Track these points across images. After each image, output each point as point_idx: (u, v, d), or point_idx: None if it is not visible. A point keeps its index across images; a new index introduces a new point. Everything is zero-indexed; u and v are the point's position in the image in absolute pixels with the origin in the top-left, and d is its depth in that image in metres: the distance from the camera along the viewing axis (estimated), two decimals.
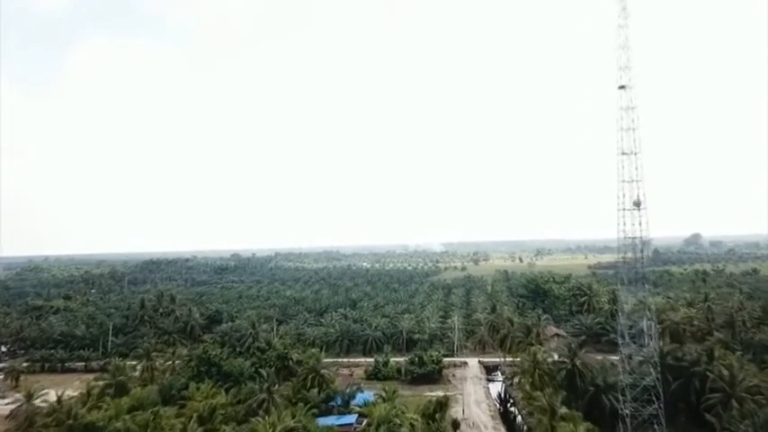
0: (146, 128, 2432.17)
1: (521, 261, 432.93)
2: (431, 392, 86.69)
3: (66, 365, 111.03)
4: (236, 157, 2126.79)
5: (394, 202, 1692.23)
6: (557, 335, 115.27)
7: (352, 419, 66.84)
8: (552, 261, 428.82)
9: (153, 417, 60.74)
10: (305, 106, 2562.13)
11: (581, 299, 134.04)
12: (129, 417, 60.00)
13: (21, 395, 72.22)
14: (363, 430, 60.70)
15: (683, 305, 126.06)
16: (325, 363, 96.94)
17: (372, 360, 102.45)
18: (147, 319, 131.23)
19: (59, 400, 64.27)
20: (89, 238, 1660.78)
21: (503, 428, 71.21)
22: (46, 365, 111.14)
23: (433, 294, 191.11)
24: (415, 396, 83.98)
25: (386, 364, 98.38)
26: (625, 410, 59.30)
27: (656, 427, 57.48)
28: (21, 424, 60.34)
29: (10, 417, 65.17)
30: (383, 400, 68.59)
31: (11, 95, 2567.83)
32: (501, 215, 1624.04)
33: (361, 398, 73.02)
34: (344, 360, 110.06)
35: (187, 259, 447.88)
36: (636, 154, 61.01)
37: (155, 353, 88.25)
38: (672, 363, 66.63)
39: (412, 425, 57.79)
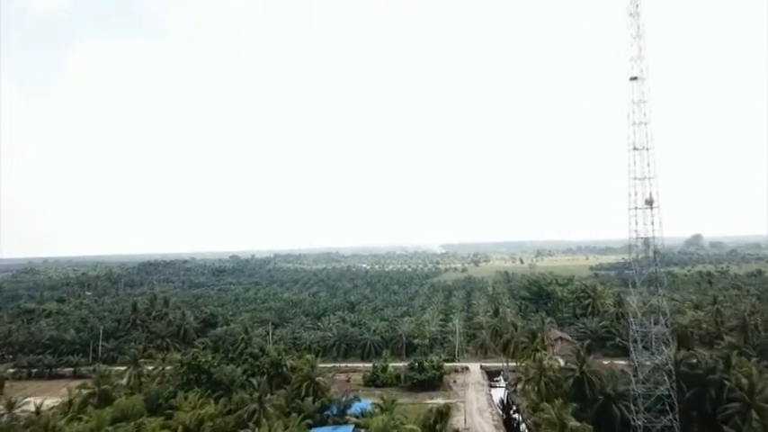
0: (145, 128, 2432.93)
1: (521, 262, 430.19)
2: (431, 400, 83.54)
3: (55, 371, 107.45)
4: (237, 157, 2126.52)
5: (394, 203, 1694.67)
6: (561, 339, 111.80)
7: (348, 431, 63.44)
8: (553, 262, 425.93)
9: (137, 429, 57.47)
10: (305, 107, 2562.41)
11: (585, 301, 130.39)
12: (111, 429, 56.78)
13: (1, 404, 68.67)
14: None
15: (689, 308, 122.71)
16: (322, 368, 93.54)
17: (371, 365, 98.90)
18: (139, 322, 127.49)
19: (38, 410, 60.94)
20: (89, 239, 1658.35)
21: None
22: (33, 371, 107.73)
23: (433, 296, 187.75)
24: (415, 404, 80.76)
25: (384, 369, 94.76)
26: (638, 421, 55.98)
27: None
28: None
29: None
30: (381, 409, 65.40)
31: (11, 96, 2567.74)
32: (500, 216, 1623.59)
33: (358, 407, 69.72)
34: (342, 365, 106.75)
35: (185, 261, 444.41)
36: (648, 149, 57.68)
37: (142, 359, 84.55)
38: (685, 370, 63.05)
39: None
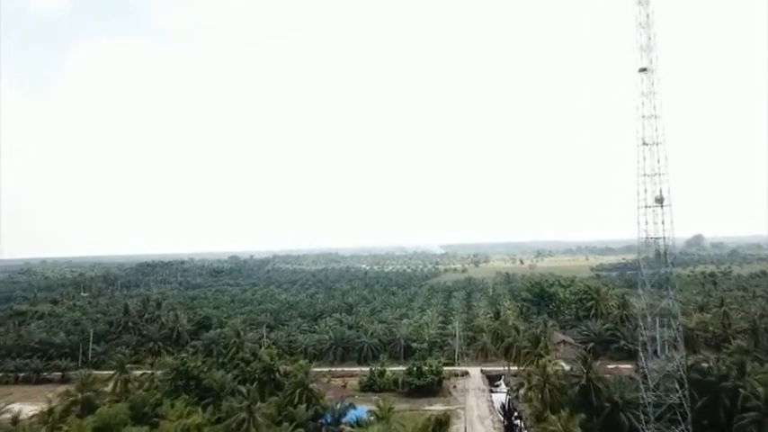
0: (145, 129, 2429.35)
1: (521, 263, 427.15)
2: (430, 406, 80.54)
3: (42, 376, 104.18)
4: (237, 157, 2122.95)
5: (393, 203, 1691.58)
6: (563, 342, 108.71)
7: None
8: (553, 263, 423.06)
9: None
10: (305, 107, 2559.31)
11: (588, 303, 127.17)
12: None
13: None
14: None
15: (694, 310, 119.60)
16: (317, 373, 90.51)
17: (368, 369, 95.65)
18: (131, 325, 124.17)
19: (15, 419, 57.67)
20: (89, 239, 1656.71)
21: None
22: (20, 376, 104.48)
23: (432, 298, 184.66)
24: (413, 411, 77.75)
25: (382, 374, 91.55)
26: None
27: None
28: None
29: None
30: (377, 417, 62.25)
31: (10, 96, 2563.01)
32: (500, 216, 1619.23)
33: (353, 415, 66.49)
34: (338, 369, 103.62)
35: (182, 261, 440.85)
36: (658, 144, 54.70)
37: (129, 364, 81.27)
38: (696, 377, 60.01)
39: None
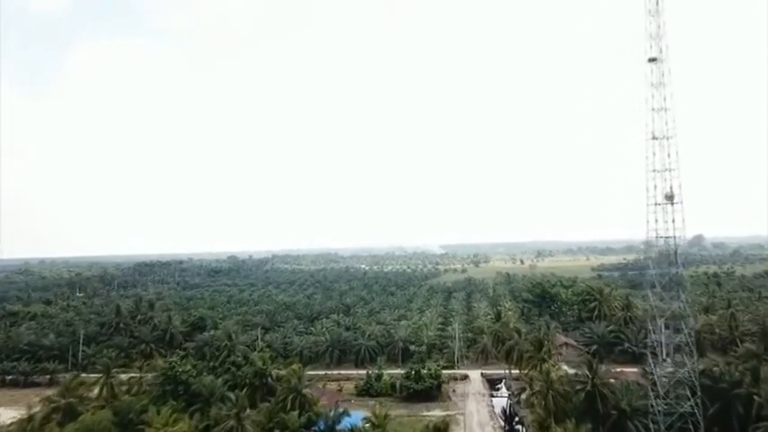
0: (145, 129, 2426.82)
1: (522, 263, 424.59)
2: (428, 412, 77.75)
3: (30, 379, 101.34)
4: (237, 157, 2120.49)
5: (393, 203, 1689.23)
6: (566, 344, 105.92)
7: None
8: (554, 263, 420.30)
9: None
10: (305, 107, 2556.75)
11: (590, 304, 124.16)
12: None
13: None
14: None
15: (699, 311, 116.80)
16: (313, 376, 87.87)
17: (365, 373, 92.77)
18: (122, 326, 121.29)
19: None
20: (89, 239, 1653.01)
21: None
22: (8, 379, 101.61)
23: (431, 299, 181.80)
24: (411, 417, 74.98)
25: (379, 378, 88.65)
26: None
27: None
28: None
29: None
30: (373, 425, 59.58)
31: (10, 96, 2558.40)
32: (500, 216, 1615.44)
33: (348, 422, 63.69)
34: (334, 372, 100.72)
35: (181, 261, 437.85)
36: (669, 138, 51.93)
37: (117, 368, 78.34)
38: (708, 383, 57.08)
39: None
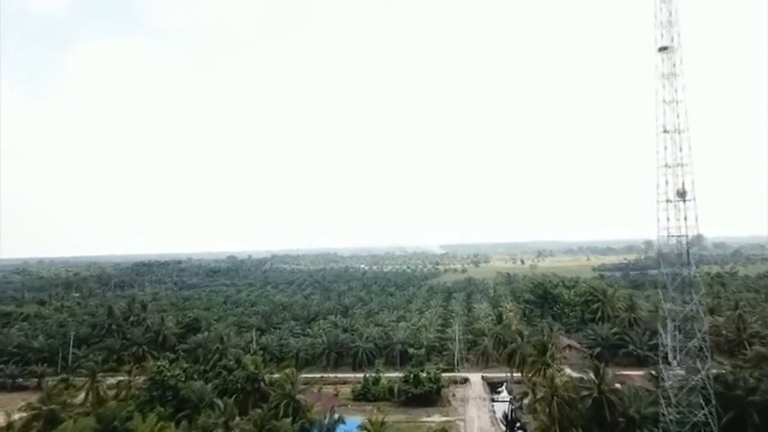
0: (145, 129, 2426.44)
1: (522, 263, 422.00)
2: (428, 417, 75.10)
3: (18, 382, 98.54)
4: (237, 157, 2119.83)
5: (393, 203, 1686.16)
6: (569, 346, 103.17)
7: None
8: (554, 263, 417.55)
9: None
10: (304, 106, 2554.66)
11: (594, 305, 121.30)
12: None
13: None
14: None
15: (704, 313, 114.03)
16: (309, 379, 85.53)
17: (362, 376, 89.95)
18: (114, 328, 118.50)
19: None
20: (89, 239, 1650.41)
21: None
22: None
23: (431, 299, 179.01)
24: (409, 422, 72.34)
25: (376, 382, 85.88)
26: None
27: None
28: None
29: None
30: None
31: (10, 96, 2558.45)
32: (500, 216, 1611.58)
33: (343, 429, 61.12)
34: (331, 376, 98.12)
35: (179, 261, 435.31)
36: (681, 132, 49.18)
37: (104, 372, 75.50)
38: (721, 390, 54.39)
39: None
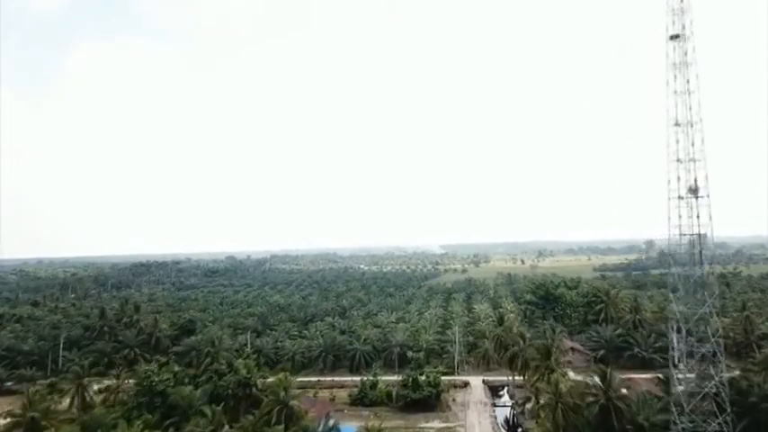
0: (145, 129, 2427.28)
1: (522, 263, 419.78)
2: (426, 423, 72.63)
3: (6, 387, 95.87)
4: (236, 157, 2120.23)
5: (393, 203, 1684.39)
6: (572, 349, 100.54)
7: None
8: (555, 263, 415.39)
9: None
10: (304, 106, 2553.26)
11: (597, 306, 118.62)
12: None
13: None
14: None
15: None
16: (304, 383, 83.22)
17: (359, 379, 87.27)
18: (106, 330, 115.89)
19: None
20: (89, 239, 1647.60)
21: None
22: None
23: (431, 300, 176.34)
24: (408, 429, 69.90)
25: (374, 386, 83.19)
26: None
27: None
28: None
29: None
30: None
31: (10, 96, 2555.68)
32: (500, 216, 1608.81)
33: None
34: (327, 379, 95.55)
35: (177, 262, 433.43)
36: (693, 125, 46.55)
37: (90, 376, 72.89)
38: (734, 396, 51.73)
39: None
